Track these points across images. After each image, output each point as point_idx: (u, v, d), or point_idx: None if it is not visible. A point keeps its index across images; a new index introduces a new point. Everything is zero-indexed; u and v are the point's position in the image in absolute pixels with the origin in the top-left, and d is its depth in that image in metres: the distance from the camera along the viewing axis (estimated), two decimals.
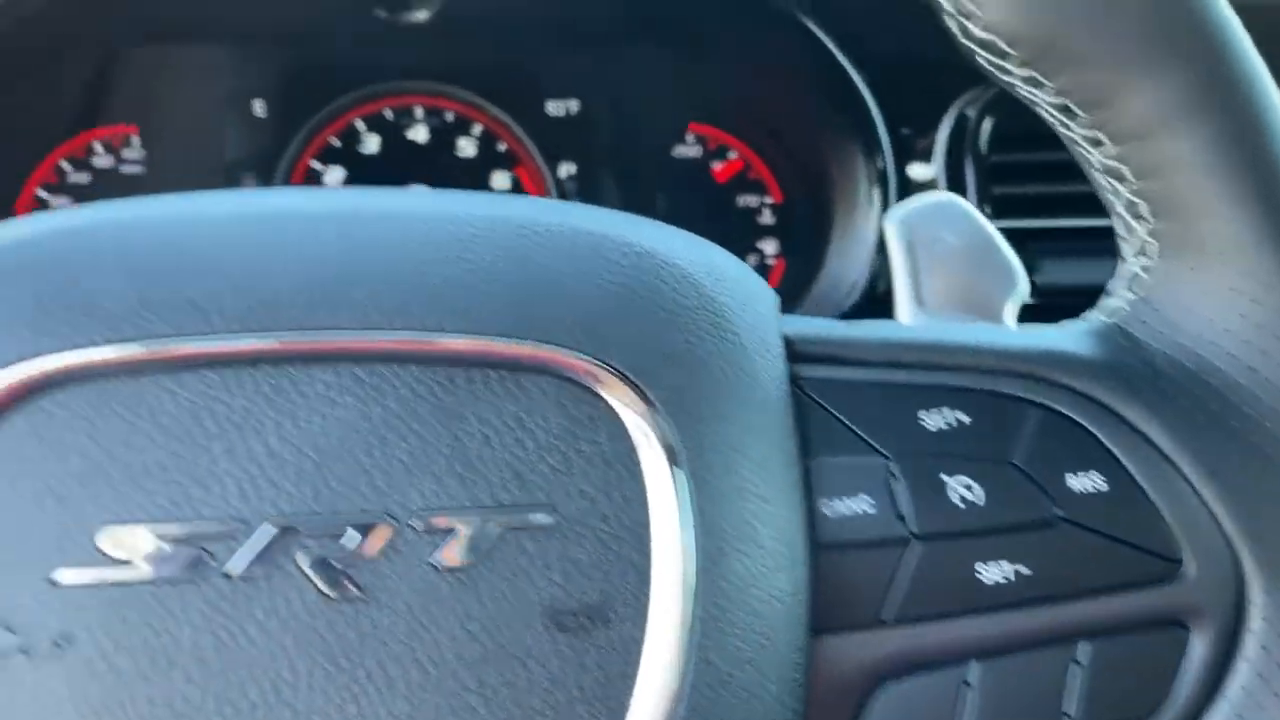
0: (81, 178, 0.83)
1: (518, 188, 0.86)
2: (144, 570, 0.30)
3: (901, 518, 0.36)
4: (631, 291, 0.34)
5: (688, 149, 0.88)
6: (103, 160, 0.84)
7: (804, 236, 0.85)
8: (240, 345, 0.31)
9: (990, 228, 0.46)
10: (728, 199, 0.88)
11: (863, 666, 0.37)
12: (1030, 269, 0.69)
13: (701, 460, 0.34)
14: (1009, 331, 0.41)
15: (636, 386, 0.33)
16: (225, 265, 0.33)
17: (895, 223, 0.46)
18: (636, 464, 0.33)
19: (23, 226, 0.35)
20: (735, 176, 0.87)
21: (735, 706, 0.33)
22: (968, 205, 0.46)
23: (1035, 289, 0.69)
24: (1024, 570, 0.37)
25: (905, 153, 0.77)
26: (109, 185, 0.85)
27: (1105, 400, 0.38)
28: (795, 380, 0.37)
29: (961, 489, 0.37)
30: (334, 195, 0.38)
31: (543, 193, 0.86)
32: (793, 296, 0.82)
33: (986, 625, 0.37)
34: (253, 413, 0.31)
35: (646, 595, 0.33)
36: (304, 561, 0.30)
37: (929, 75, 0.68)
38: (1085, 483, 0.38)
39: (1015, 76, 0.38)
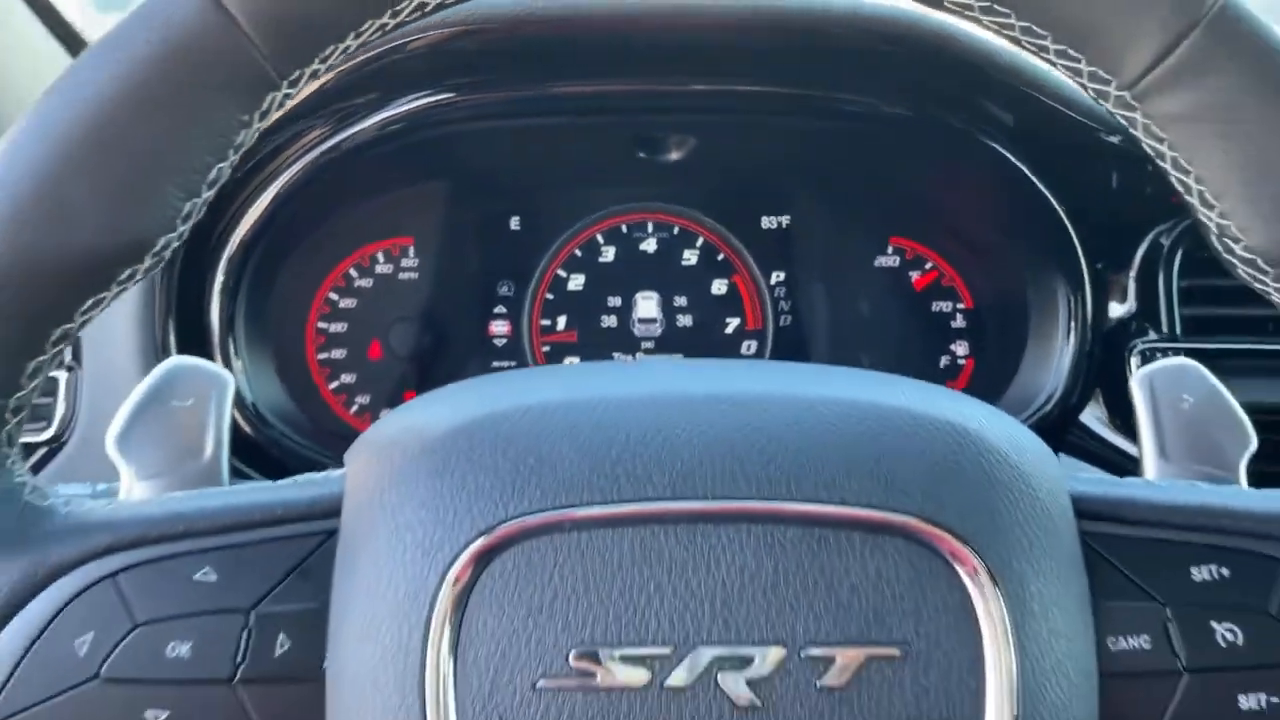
0: (365, 283, 0.90)
1: (734, 293, 0.90)
2: (605, 681, 0.37)
3: (1176, 654, 0.41)
4: (962, 469, 0.40)
5: (888, 259, 0.91)
6: (383, 268, 0.90)
7: (994, 341, 0.88)
8: (669, 508, 0.38)
9: (1224, 390, 0.51)
10: (923, 304, 0.91)
11: None
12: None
13: (1021, 606, 0.39)
14: (1262, 495, 0.45)
15: (971, 546, 0.39)
16: (651, 442, 0.40)
17: (1141, 384, 0.52)
18: (972, 609, 0.38)
19: (477, 406, 0.42)
20: (931, 284, 0.90)
21: None
22: (1204, 370, 0.52)
23: None
24: (1276, 700, 0.41)
25: (1102, 276, 0.79)
26: (388, 290, 0.90)
27: None
28: (1084, 539, 0.42)
29: (1225, 632, 0.41)
30: (721, 375, 0.44)
31: (757, 297, 0.89)
32: (985, 393, 0.84)
33: None
34: (678, 560, 0.38)
35: (979, 713, 0.38)
36: (720, 678, 0.37)
37: (1125, 206, 0.70)
38: None
39: (1270, 286, 0.43)
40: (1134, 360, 0.78)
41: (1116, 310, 0.80)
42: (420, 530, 0.39)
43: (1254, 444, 0.50)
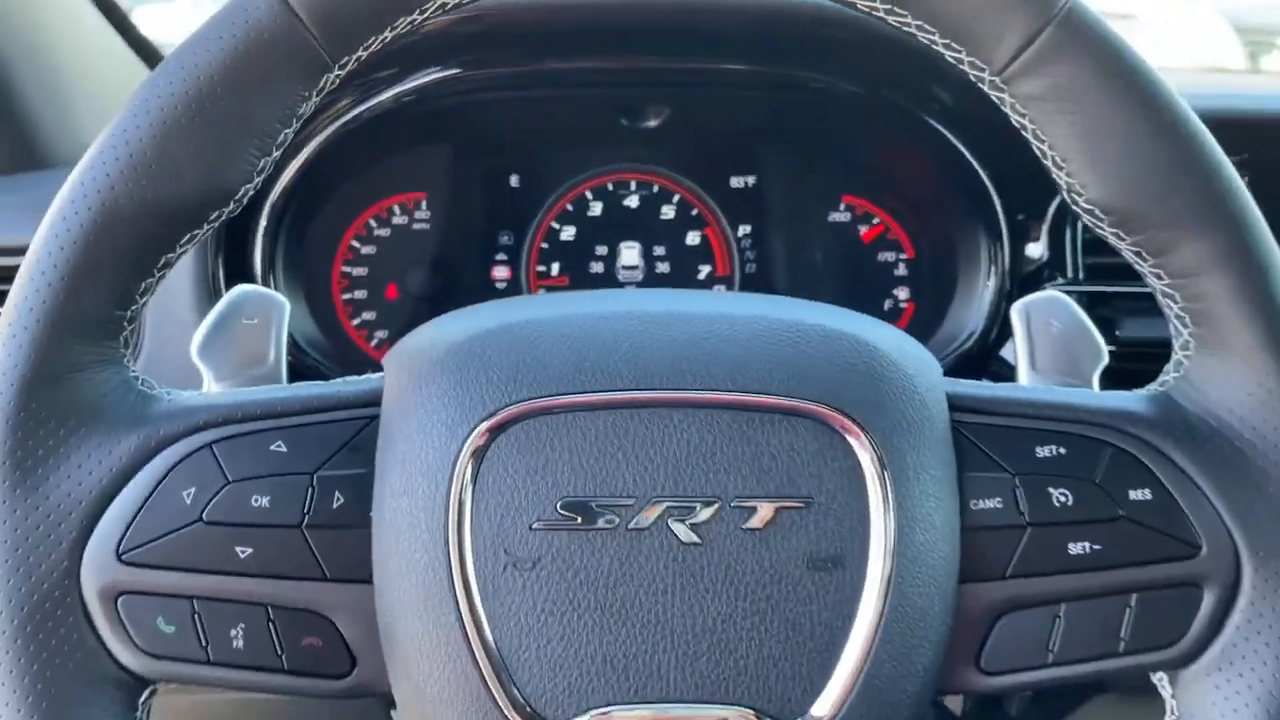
0: (384, 232, 0.94)
1: (706, 244, 0.95)
2: (584, 524, 0.45)
3: (1021, 513, 0.49)
4: (857, 369, 0.48)
5: (840, 215, 0.96)
6: (399, 219, 0.94)
7: (930, 287, 0.95)
8: (630, 395, 0.46)
9: (1085, 317, 0.58)
10: (870, 254, 0.96)
11: (991, 605, 0.49)
12: (1114, 323, 0.82)
13: (899, 473, 0.47)
14: (1096, 395, 0.52)
15: (862, 428, 0.47)
16: (620, 347, 0.48)
17: (1019, 310, 0.58)
18: (861, 473, 0.46)
19: (487, 320, 0.50)
20: (877, 236, 0.95)
21: (914, 623, 0.46)
22: (1069, 300, 0.58)
23: (1118, 340, 0.81)
24: (1097, 547, 0.49)
25: (1018, 228, 0.86)
26: (403, 238, 0.94)
27: (1154, 442, 0.50)
28: (955, 424, 0.50)
29: (1059, 495, 0.49)
30: (677, 298, 0.51)
31: (726, 247, 0.95)
32: (921, 333, 0.91)
33: (1071, 581, 0.49)
34: (640, 436, 0.46)
35: (865, 553, 0.46)
36: (670, 523, 0.45)
37: (1039, 171, 0.78)
38: (1139, 494, 0.49)
39: (1106, 231, 0.50)
40: None
41: (1031, 259, 0.86)
42: (444, 413, 0.46)
43: (1105, 359, 0.57)
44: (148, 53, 1.11)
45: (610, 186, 0.96)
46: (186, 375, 0.56)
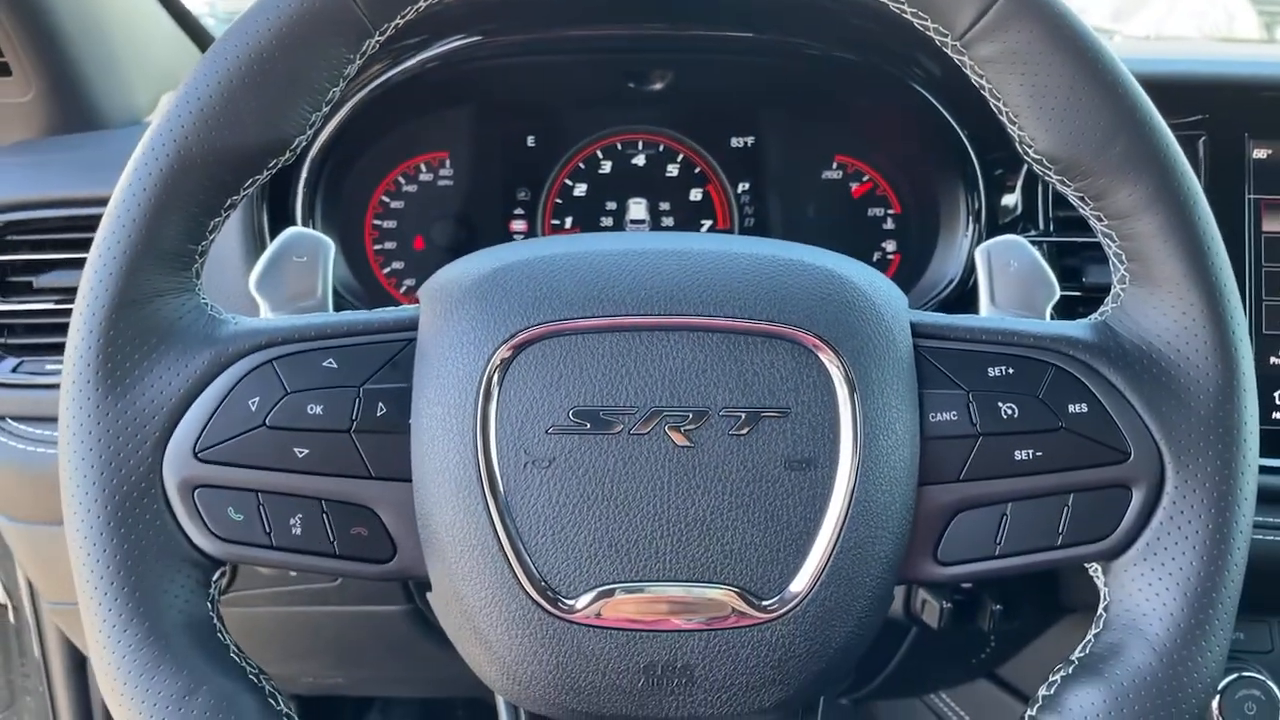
0: (411, 188, 0.97)
1: (708, 199, 0.98)
2: (590, 429, 0.50)
3: (974, 424, 0.53)
4: (831, 298, 0.53)
5: (832, 173, 0.99)
6: (425, 176, 0.97)
7: (916, 239, 0.97)
8: (632, 320, 0.51)
9: (1040, 258, 0.62)
10: (861, 209, 0.99)
11: (947, 504, 0.54)
12: (1080, 271, 0.87)
13: (867, 388, 0.51)
14: (1042, 323, 0.56)
15: (834, 349, 0.51)
16: (624, 279, 0.52)
17: (981, 252, 0.62)
18: (833, 387, 0.51)
19: (509, 256, 0.54)
20: (866, 193, 0.98)
21: (877, 517, 0.51)
22: (1026, 242, 0.62)
23: (1083, 286, 0.86)
24: (1039, 453, 0.53)
25: (996, 182, 0.89)
26: (429, 194, 0.97)
27: (1091, 363, 0.54)
28: (917, 348, 0.54)
29: (1007, 409, 0.53)
30: (675, 238, 0.56)
31: (725, 204, 0.98)
32: (907, 282, 0.95)
33: (1017, 483, 0.53)
34: (641, 355, 0.51)
35: (834, 456, 0.51)
36: (666, 429, 0.50)
37: None
38: (1077, 408, 0.53)
39: (1053, 178, 0.54)
40: None
41: (1007, 211, 0.89)
42: (472, 334, 0.51)
43: (1057, 294, 0.61)
44: (189, 24, 1.16)
45: (619, 146, 0.98)
46: (237, 309, 0.61)
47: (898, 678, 1.10)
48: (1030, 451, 0.54)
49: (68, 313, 0.85)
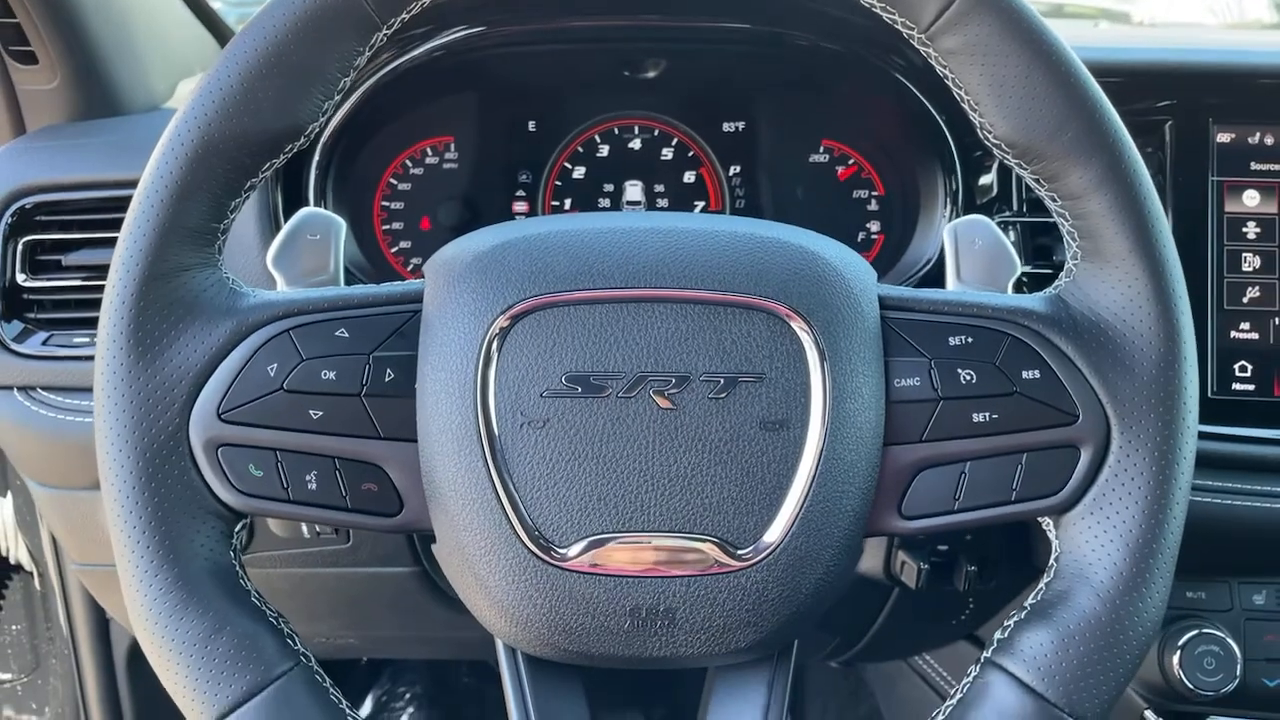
0: (418, 171, 0.99)
1: (700, 182, 1.00)
2: (580, 393, 0.53)
3: (935, 389, 0.56)
4: (804, 272, 0.56)
5: (819, 156, 1.01)
6: (431, 160, 1.00)
7: (899, 220, 1.00)
8: (620, 293, 0.54)
9: (1001, 234, 0.64)
10: (846, 191, 1.01)
11: (910, 463, 0.57)
12: (1051, 250, 0.90)
13: (836, 356, 0.54)
14: (1000, 295, 0.59)
15: (806, 320, 0.54)
16: (613, 254, 0.55)
17: (949, 230, 0.65)
18: (804, 354, 0.54)
19: (507, 234, 0.57)
20: (852, 176, 1.01)
21: (844, 474, 0.54)
22: (990, 221, 0.64)
23: (1053, 264, 0.89)
24: (995, 416, 0.56)
25: (973, 166, 0.92)
26: (435, 177, 1.00)
27: (1044, 333, 0.57)
28: (884, 318, 0.57)
29: (965, 375, 0.56)
30: (661, 217, 0.58)
31: (717, 187, 1.00)
32: (890, 259, 0.98)
33: (975, 444, 0.56)
34: (627, 324, 0.54)
35: (806, 418, 0.54)
36: (651, 393, 0.53)
37: None
38: (1030, 374, 0.56)
39: (1011, 161, 0.57)
40: None
41: (984, 193, 0.92)
42: (473, 305, 0.55)
43: (1019, 269, 0.64)
44: (206, 15, 1.19)
45: (616, 131, 1.01)
46: (255, 283, 0.64)
47: (882, 640, 1.14)
48: (987, 414, 0.57)
49: (95, 289, 0.90)
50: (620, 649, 0.55)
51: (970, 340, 0.58)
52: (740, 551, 0.55)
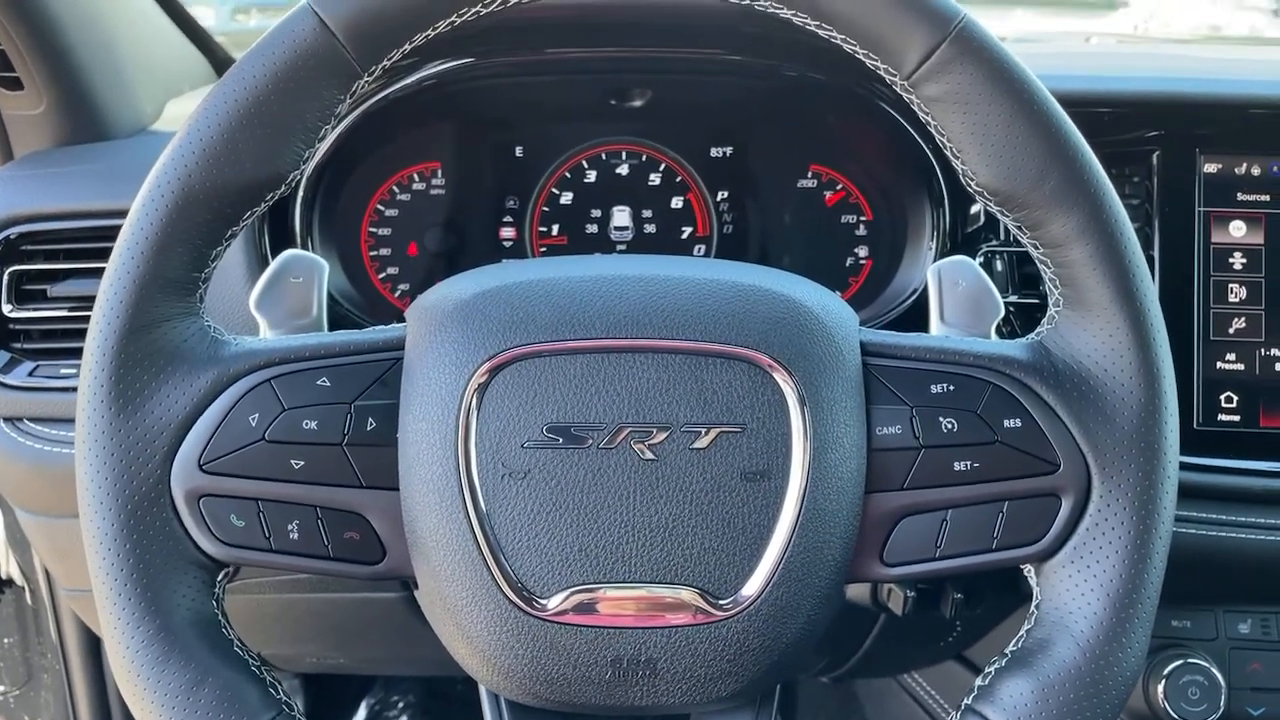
0: (405, 197, 0.99)
1: (688, 207, 1.00)
2: (562, 444, 0.53)
3: (916, 437, 0.56)
4: (785, 321, 0.56)
5: (808, 182, 1.01)
6: (418, 186, 1.00)
7: (887, 245, 1.00)
8: (602, 343, 0.54)
9: (987, 278, 0.64)
10: (835, 216, 1.01)
11: (892, 511, 0.57)
12: (1038, 279, 0.89)
13: (817, 405, 0.54)
14: (982, 342, 0.59)
15: (787, 369, 0.54)
16: (594, 304, 0.55)
17: (932, 271, 0.65)
18: (786, 405, 0.54)
19: (489, 281, 0.57)
20: (840, 201, 1.00)
21: (826, 524, 0.54)
22: (974, 263, 0.64)
23: (1040, 294, 0.89)
24: (977, 464, 0.56)
25: (960, 196, 0.91)
26: (422, 203, 1.00)
27: (1026, 381, 0.57)
28: (866, 365, 0.57)
29: (947, 423, 0.57)
30: (642, 263, 0.59)
31: (705, 212, 1.00)
32: (876, 287, 0.98)
33: (956, 491, 0.56)
34: (608, 375, 0.54)
35: (787, 468, 0.54)
36: (633, 444, 0.53)
37: None
38: (1012, 422, 0.56)
39: (994, 208, 0.57)
40: (979, 260, 0.88)
41: (972, 221, 0.92)
42: (455, 355, 0.55)
43: (1001, 312, 0.64)
44: (195, 33, 1.19)
45: (604, 156, 1.01)
46: (241, 323, 0.64)
47: (872, 659, 1.15)
48: (968, 463, 0.57)
49: (82, 319, 0.90)
50: (602, 698, 0.56)
51: (952, 388, 0.58)
52: (721, 602, 0.55)
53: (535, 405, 0.54)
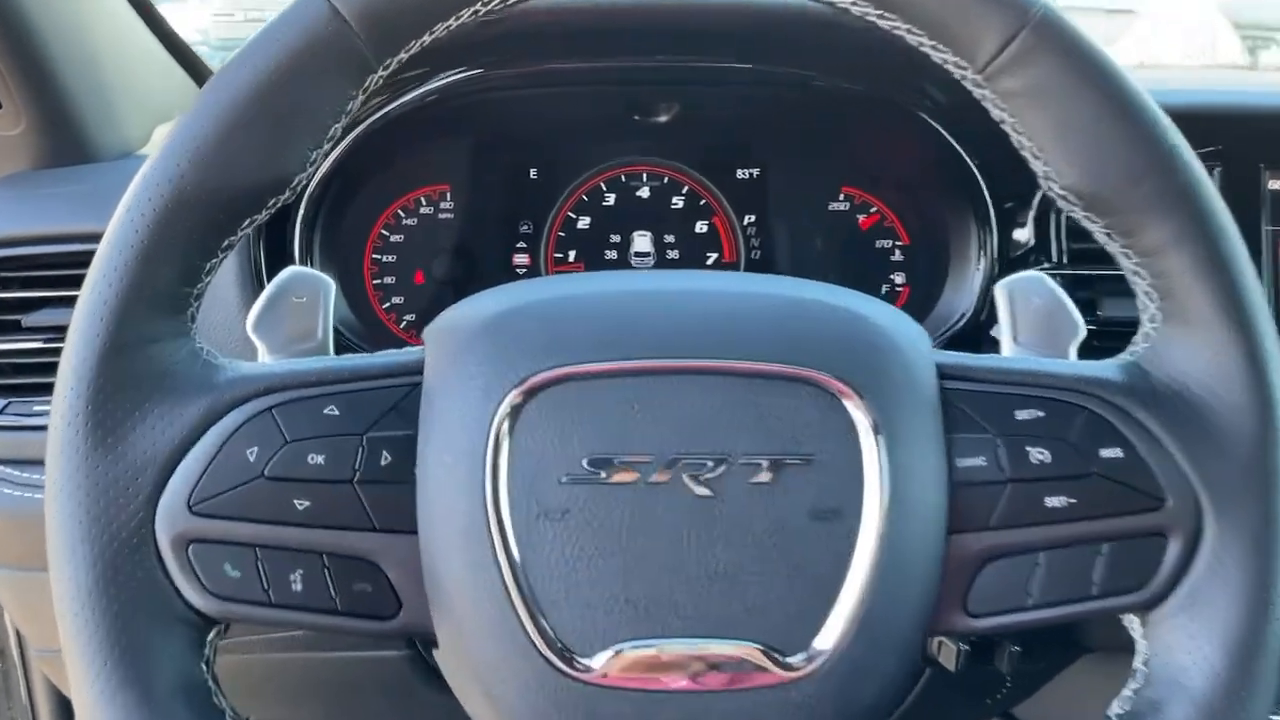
0: (411, 221, 0.96)
1: (713, 232, 0.96)
2: (605, 478, 0.48)
3: (1002, 469, 0.51)
4: (854, 340, 0.51)
5: (839, 204, 0.98)
6: (426, 210, 0.96)
7: (925, 271, 0.96)
8: (648, 364, 0.50)
9: (1063, 295, 0.60)
10: (869, 241, 0.98)
11: (977, 553, 0.52)
12: (1095, 304, 0.85)
13: (892, 434, 0.50)
14: (1071, 364, 0.55)
15: (859, 393, 0.50)
16: (637, 322, 0.51)
17: (1001, 289, 0.61)
18: (856, 435, 0.49)
19: (519, 297, 0.53)
20: (874, 225, 0.97)
21: (906, 569, 0.50)
22: (1048, 278, 0.60)
23: (1098, 320, 0.84)
24: (1072, 500, 0.51)
25: (1006, 216, 0.88)
26: (429, 228, 0.96)
27: (1124, 406, 0.52)
28: (942, 390, 0.53)
29: (1037, 454, 0.52)
30: (690, 277, 0.54)
31: (732, 235, 0.97)
32: (916, 314, 0.90)
33: (1049, 531, 0.51)
34: (656, 399, 0.49)
35: (860, 505, 0.49)
36: (685, 478, 0.48)
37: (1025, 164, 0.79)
38: (1110, 452, 0.52)
39: (1079, 214, 0.53)
40: None
41: (1019, 243, 0.88)
42: (481, 379, 0.50)
43: (1082, 332, 0.59)
44: (183, 54, 1.15)
45: (623, 178, 0.98)
46: (235, 349, 0.59)
47: (911, 717, 1.08)
48: (1062, 498, 0.52)
49: (57, 351, 0.83)
50: None
51: (1041, 414, 0.53)
52: (788, 659, 0.49)
53: (573, 435, 0.49)
